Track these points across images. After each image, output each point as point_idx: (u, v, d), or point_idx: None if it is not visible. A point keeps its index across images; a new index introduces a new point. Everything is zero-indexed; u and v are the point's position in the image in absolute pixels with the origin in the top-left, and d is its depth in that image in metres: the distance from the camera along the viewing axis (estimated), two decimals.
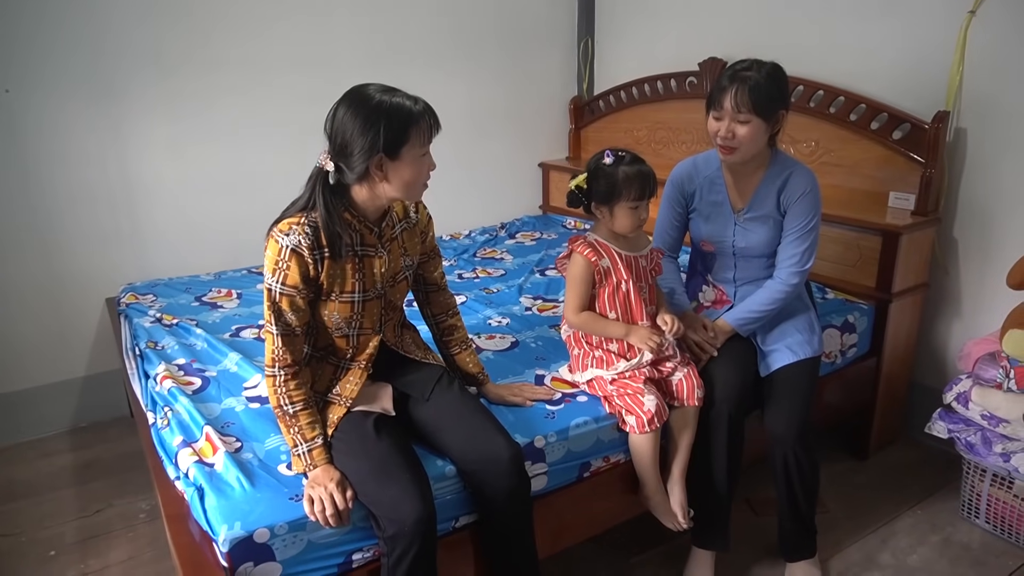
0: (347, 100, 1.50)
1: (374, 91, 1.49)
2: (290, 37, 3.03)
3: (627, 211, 1.80)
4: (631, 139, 3.54)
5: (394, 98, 1.48)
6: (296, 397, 1.53)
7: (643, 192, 1.78)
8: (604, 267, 1.83)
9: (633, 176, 1.77)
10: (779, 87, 1.83)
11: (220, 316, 2.48)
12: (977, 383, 2.14)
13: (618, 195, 1.78)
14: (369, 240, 1.60)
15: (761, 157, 1.92)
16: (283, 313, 1.52)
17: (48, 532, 2.26)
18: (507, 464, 1.55)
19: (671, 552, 2.07)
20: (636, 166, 1.79)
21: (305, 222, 1.51)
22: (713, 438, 1.88)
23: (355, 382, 1.63)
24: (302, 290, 1.51)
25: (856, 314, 2.38)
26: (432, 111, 1.53)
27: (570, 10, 3.78)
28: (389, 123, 1.45)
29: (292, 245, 1.48)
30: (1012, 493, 2.10)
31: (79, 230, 2.78)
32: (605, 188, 1.79)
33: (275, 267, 1.49)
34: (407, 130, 1.47)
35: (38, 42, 2.57)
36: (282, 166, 3.07)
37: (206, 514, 1.46)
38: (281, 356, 1.52)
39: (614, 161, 1.79)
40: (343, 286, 1.57)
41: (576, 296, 1.85)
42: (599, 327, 1.86)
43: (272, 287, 1.50)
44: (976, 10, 2.30)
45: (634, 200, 1.78)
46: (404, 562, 1.43)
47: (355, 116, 1.46)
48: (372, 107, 1.46)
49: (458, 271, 2.97)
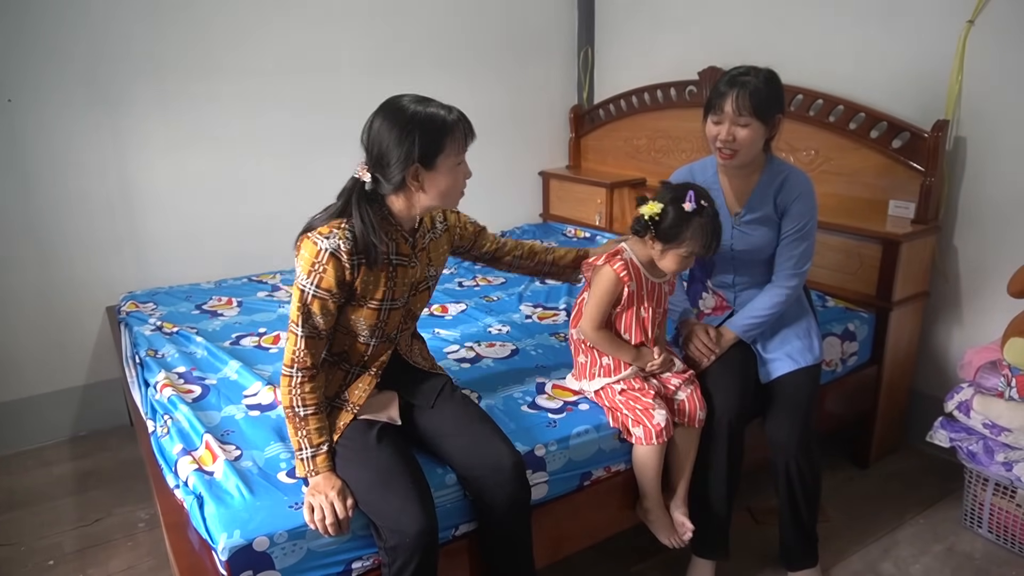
0: (382, 111, 1.51)
1: (408, 102, 1.50)
2: (291, 45, 3.04)
3: (680, 258, 1.76)
4: (631, 148, 3.55)
5: (428, 108, 1.49)
6: (309, 400, 1.53)
7: (706, 249, 1.75)
8: (631, 290, 1.82)
9: (704, 230, 1.72)
10: (776, 92, 1.85)
11: (220, 324, 2.48)
12: (978, 392, 2.14)
13: (682, 243, 1.73)
14: (403, 250, 1.61)
15: (757, 161, 1.94)
16: (312, 316, 1.51)
17: (47, 541, 2.25)
18: (509, 472, 1.55)
19: (671, 561, 2.06)
20: (712, 221, 1.73)
21: (346, 227, 1.51)
22: (713, 447, 1.88)
23: (364, 388, 1.63)
24: (335, 294, 1.51)
25: (856, 322, 2.38)
26: (466, 120, 1.54)
27: (570, 19, 3.80)
28: (424, 133, 1.46)
29: (331, 248, 1.48)
30: (1015, 502, 2.09)
31: (79, 239, 2.79)
32: (672, 230, 1.72)
33: (311, 269, 1.49)
34: (442, 140, 1.48)
35: (39, 52, 2.58)
36: (283, 174, 3.08)
37: (205, 522, 1.46)
38: (302, 358, 1.52)
39: (695, 209, 1.71)
40: (374, 293, 1.57)
41: (598, 310, 1.82)
42: (612, 349, 1.85)
43: (305, 288, 1.50)
44: (975, 19, 2.31)
45: (693, 252, 1.75)
46: (405, 574, 1.43)
47: (390, 127, 1.47)
48: (407, 118, 1.47)
49: (458, 279, 2.97)
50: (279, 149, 3.08)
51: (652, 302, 1.85)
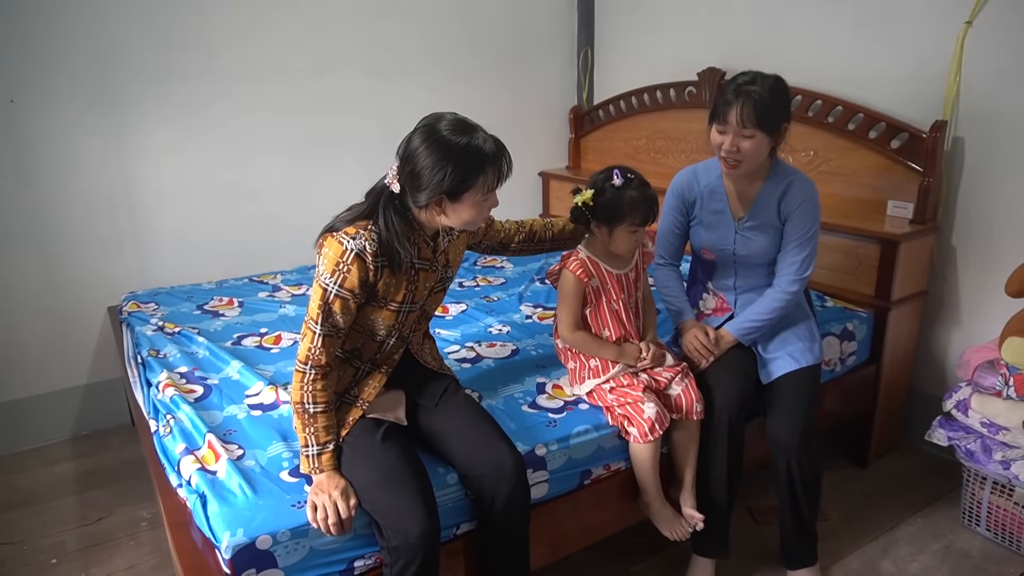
0: (424, 133, 1.49)
1: (451, 131, 1.48)
2: (292, 46, 3.05)
3: (627, 234, 1.80)
4: (630, 148, 3.56)
5: (469, 141, 1.48)
6: (320, 398, 1.54)
7: (646, 218, 1.79)
8: (594, 286, 1.85)
9: (639, 201, 1.77)
10: (782, 101, 1.84)
11: (222, 324, 2.49)
12: (976, 391, 2.15)
13: (621, 218, 1.78)
14: (425, 254, 1.62)
15: (762, 167, 1.94)
16: (333, 314, 1.52)
17: (50, 540, 2.26)
18: (510, 471, 1.56)
19: (671, 560, 2.07)
20: (643, 191, 1.78)
21: (373, 228, 1.52)
22: (713, 446, 1.89)
23: (375, 386, 1.64)
24: (357, 295, 1.52)
25: (855, 322, 2.39)
26: (502, 156, 1.54)
27: (570, 20, 3.81)
28: (457, 169, 1.46)
29: (357, 249, 1.49)
30: (1012, 501, 2.10)
31: (81, 239, 2.80)
32: (609, 209, 1.79)
33: (335, 268, 1.49)
34: (474, 179, 1.48)
35: (41, 53, 2.59)
36: (284, 174, 3.09)
37: (208, 521, 1.47)
38: (316, 356, 1.52)
39: (623, 183, 1.77)
40: (395, 296, 1.59)
41: (569, 313, 1.87)
42: (593, 348, 1.89)
43: (328, 287, 1.50)
44: (972, 20, 2.32)
45: (636, 225, 1.79)
46: (406, 574, 1.44)
47: (428, 153, 1.46)
48: (445, 149, 1.46)
49: (459, 279, 2.98)
50: (280, 150, 3.09)
51: (622, 293, 1.87)
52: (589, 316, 1.90)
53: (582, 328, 1.90)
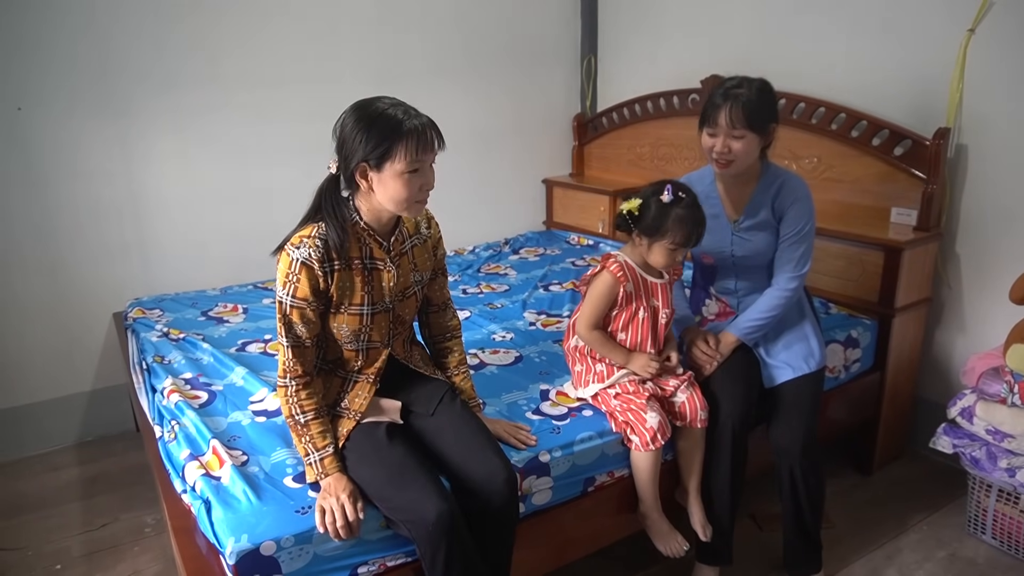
0: (354, 104, 1.53)
1: (375, 100, 1.51)
2: (297, 54, 3.07)
3: (666, 251, 1.80)
4: (634, 156, 3.57)
5: (388, 109, 1.49)
6: (307, 407, 1.55)
7: (688, 238, 1.79)
8: (628, 291, 1.85)
9: (684, 220, 1.76)
10: (769, 102, 1.88)
11: (226, 331, 2.50)
12: (981, 398, 2.15)
13: (663, 234, 1.78)
14: (378, 254, 1.61)
15: (753, 169, 1.97)
16: (293, 325, 1.53)
17: (54, 546, 2.27)
18: (501, 485, 1.55)
19: (674, 568, 2.06)
20: (691, 211, 1.78)
21: (316, 235, 1.53)
22: (717, 453, 1.89)
23: (364, 396, 1.64)
24: (312, 302, 1.53)
25: (859, 329, 2.39)
26: (429, 130, 1.49)
27: (573, 28, 3.83)
28: (370, 133, 1.46)
29: (302, 258, 1.50)
30: (1018, 508, 2.09)
31: (87, 245, 2.81)
32: (653, 222, 1.78)
33: (286, 280, 1.52)
34: (392, 144, 1.46)
35: (47, 61, 2.61)
36: (288, 182, 3.10)
37: (213, 527, 1.47)
38: (292, 367, 1.54)
39: (671, 200, 1.77)
40: (352, 298, 1.58)
41: (593, 311, 1.87)
42: (605, 349, 1.89)
43: (283, 299, 1.53)
44: (975, 28, 2.33)
45: (676, 243, 1.78)
46: (439, 559, 1.44)
47: (353, 121, 1.49)
48: (365, 114, 1.49)
49: (462, 286, 2.99)
50: (284, 157, 3.11)
51: (657, 300, 1.88)
52: (613, 319, 1.90)
53: (599, 329, 1.90)
